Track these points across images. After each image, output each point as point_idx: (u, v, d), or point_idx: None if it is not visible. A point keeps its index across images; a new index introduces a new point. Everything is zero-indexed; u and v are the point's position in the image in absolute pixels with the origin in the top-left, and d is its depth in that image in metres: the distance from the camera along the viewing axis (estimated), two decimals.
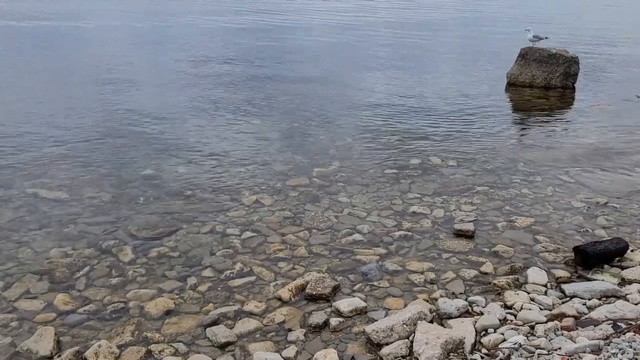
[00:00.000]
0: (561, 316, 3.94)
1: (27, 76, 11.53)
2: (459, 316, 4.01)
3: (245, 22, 21.32)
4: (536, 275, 4.59)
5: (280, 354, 3.63)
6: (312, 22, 21.82)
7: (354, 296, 4.30)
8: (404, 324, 3.72)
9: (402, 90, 11.18)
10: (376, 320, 3.89)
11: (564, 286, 4.42)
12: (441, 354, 3.41)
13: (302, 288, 4.35)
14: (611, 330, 3.65)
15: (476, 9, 28.96)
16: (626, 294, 4.24)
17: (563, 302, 4.20)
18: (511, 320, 3.96)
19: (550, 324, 3.81)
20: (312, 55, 14.74)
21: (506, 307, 4.15)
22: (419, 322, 3.73)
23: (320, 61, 14.06)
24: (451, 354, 3.50)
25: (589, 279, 4.56)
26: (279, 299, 4.27)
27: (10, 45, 14.91)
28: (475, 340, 3.68)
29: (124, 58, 13.88)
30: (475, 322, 3.88)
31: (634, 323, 3.72)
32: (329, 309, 4.13)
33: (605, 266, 4.73)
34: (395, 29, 20.64)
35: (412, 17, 24.44)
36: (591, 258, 4.71)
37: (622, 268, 4.71)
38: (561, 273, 4.68)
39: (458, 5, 30.32)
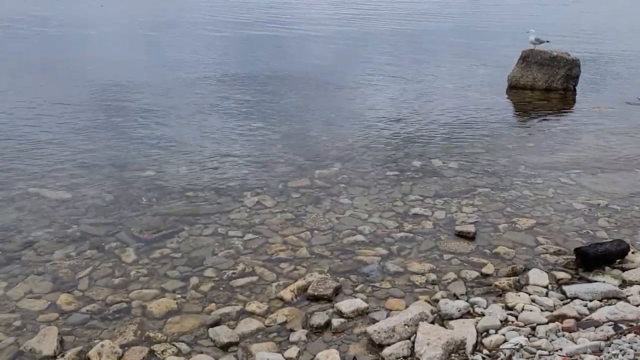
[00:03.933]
0: (562, 317, 3.96)
1: (27, 76, 11.56)
2: (460, 317, 4.02)
3: (246, 22, 21.36)
4: (537, 276, 4.60)
5: (282, 355, 3.65)
6: (314, 23, 21.86)
7: (355, 297, 4.32)
8: (405, 324, 3.73)
9: (403, 92, 11.19)
10: (378, 321, 3.91)
11: (565, 287, 4.43)
12: (442, 355, 3.43)
13: (304, 289, 4.37)
14: (612, 332, 3.66)
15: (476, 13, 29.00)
16: (627, 296, 4.26)
17: (564, 304, 4.21)
18: (512, 322, 3.98)
19: (551, 325, 3.83)
20: (314, 58, 14.76)
21: (507, 308, 4.17)
22: (420, 322, 3.74)
23: (322, 63, 14.08)
24: (452, 354, 3.52)
25: (589, 281, 4.57)
26: (281, 299, 4.29)
27: (12, 46, 14.95)
28: (477, 341, 3.70)
29: (126, 60, 13.92)
30: (477, 323, 3.90)
31: (634, 324, 3.74)
32: (330, 310, 4.14)
33: (606, 268, 4.74)
34: (395, 31, 20.67)
35: (412, 23, 24.49)
36: (592, 260, 4.72)
37: (623, 270, 4.72)
38: (562, 274, 4.70)
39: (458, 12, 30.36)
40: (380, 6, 28.96)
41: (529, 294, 4.35)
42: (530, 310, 4.08)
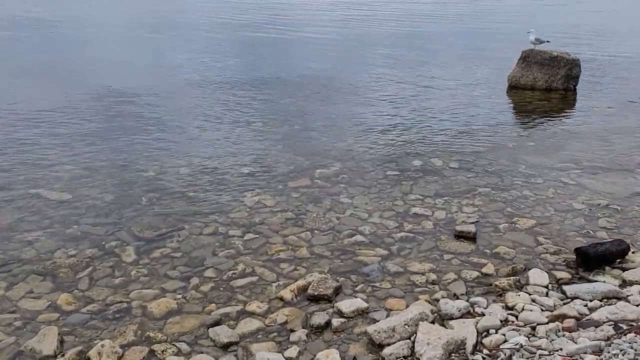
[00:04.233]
0: (562, 317, 3.95)
1: (27, 77, 11.56)
2: (461, 317, 4.02)
3: (245, 23, 21.35)
4: (537, 276, 4.60)
5: (283, 355, 3.65)
6: (313, 25, 21.86)
7: (355, 297, 4.32)
8: (405, 324, 3.73)
9: (402, 92, 11.19)
10: (378, 321, 3.91)
11: (565, 287, 4.43)
12: (442, 355, 3.43)
13: (304, 289, 4.37)
14: (612, 331, 3.66)
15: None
16: (627, 296, 4.26)
17: (564, 303, 4.21)
18: (512, 321, 3.98)
19: (551, 324, 3.82)
20: (313, 59, 14.76)
21: (507, 308, 4.17)
22: (420, 322, 3.74)
23: (322, 64, 14.08)
24: (452, 354, 3.52)
25: (590, 281, 4.57)
26: (281, 299, 4.29)
27: (12, 46, 14.95)
28: (477, 341, 3.70)
29: (126, 61, 13.92)
30: (477, 322, 3.90)
31: (635, 324, 3.74)
32: (330, 310, 4.14)
33: (607, 267, 4.74)
34: (394, 32, 20.67)
35: (413, 23, 24.48)
36: (592, 259, 4.72)
37: (623, 269, 4.72)
38: (562, 274, 4.70)
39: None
40: (379, 7, 28.95)
41: (529, 294, 4.35)
42: (531, 310, 4.08)
